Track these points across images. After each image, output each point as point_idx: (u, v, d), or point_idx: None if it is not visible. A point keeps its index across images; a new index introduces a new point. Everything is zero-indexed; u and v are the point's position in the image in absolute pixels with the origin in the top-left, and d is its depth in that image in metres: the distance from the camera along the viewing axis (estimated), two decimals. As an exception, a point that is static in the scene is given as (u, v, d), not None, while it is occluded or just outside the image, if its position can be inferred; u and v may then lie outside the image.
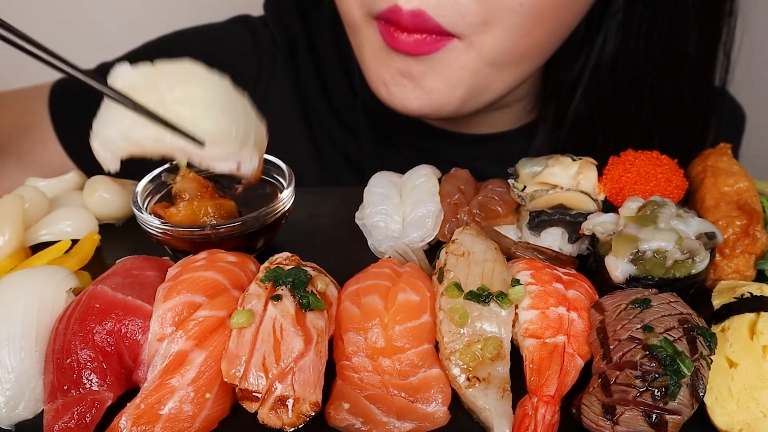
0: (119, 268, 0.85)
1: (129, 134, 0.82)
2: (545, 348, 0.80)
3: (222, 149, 0.86)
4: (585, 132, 1.26)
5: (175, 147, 0.83)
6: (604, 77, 1.23)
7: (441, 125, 1.38)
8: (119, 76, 0.83)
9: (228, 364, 0.73)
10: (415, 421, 0.74)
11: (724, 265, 0.92)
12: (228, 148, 0.87)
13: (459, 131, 1.38)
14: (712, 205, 0.97)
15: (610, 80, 1.23)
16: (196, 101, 0.83)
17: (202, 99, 0.84)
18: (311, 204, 1.13)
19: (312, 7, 1.48)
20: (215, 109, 0.84)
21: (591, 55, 1.22)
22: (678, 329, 0.76)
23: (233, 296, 0.81)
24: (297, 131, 1.43)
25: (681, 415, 0.71)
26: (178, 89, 0.83)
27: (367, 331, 0.80)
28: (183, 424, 0.72)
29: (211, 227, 0.93)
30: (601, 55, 1.22)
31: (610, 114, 1.25)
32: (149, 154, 0.85)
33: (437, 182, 1.07)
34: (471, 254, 0.87)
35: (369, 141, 1.41)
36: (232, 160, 0.88)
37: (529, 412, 0.75)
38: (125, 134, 0.82)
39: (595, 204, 0.98)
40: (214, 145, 0.85)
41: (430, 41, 1.04)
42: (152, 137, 0.82)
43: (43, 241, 1.02)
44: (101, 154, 0.84)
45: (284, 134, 1.15)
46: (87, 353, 0.75)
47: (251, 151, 0.90)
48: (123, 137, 0.82)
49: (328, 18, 1.43)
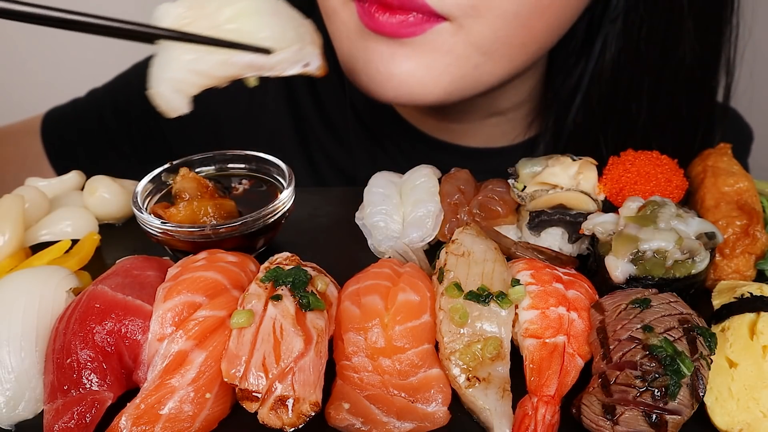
0: (119, 268, 0.85)
1: (196, 67, 0.82)
2: (545, 348, 0.80)
3: (286, 53, 0.87)
4: (584, 142, 1.24)
5: (243, 64, 0.84)
6: (603, 84, 1.20)
7: (439, 136, 1.35)
8: (165, 15, 0.83)
9: (228, 364, 0.73)
10: (415, 421, 0.74)
11: (724, 265, 0.92)
12: (291, 50, 0.87)
13: (457, 143, 1.35)
14: (712, 205, 0.97)
15: (609, 87, 1.20)
16: (248, 14, 0.84)
17: (252, 10, 0.85)
18: (311, 204, 1.13)
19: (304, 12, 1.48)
20: (267, 16, 0.85)
21: (590, 61, 1.19)
22: (678, 329, 0.76)
23: (233, 296, 0.81)
24: (291, 147, 1.42)
25: (681, 415, 0.71)
26: (226, 8, 0.83)
27: (367, 331, 0.80)
28: (183, 424, 0.72)
29: (211, 227, 0.93)
30: (600, 62, 1.19)
31: (609, 123, 1.22)
32: (220, 81, 0.86)
33: (437, 182, 1.07)
34: (471, 254, 0.87)
35: (361, 153, 1.39)
36: (299, 61, 0.88)
37: (529, 412, 0.75)
38: (192, 68, 0.82)
39: (595, 204, 0.98)
40: (278, 51, 0.86)
41: (414, 21, 0.95)
42: (219, 61, 0.83)
43: (43, 241, 1.02)
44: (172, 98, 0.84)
45: (278, 149, 1.13)
46: (87, 353, 0.74)
47: (311, 47, 0.90)
48: (191, 72, 0.83)
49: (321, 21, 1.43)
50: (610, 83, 1.20)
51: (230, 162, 1.10)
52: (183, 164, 1.06)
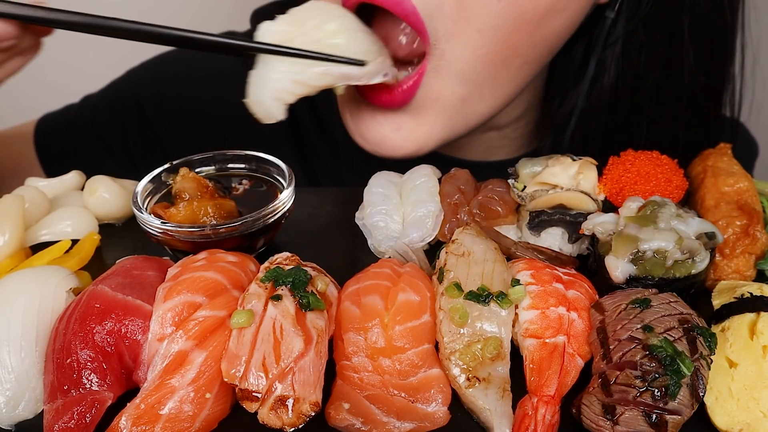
0: (119, 268, 0.85)
1: (299, 77, 0.92)
2: (545, 348, 0.80)
3: (374, 64, 0.96)
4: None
5: (338, 75, 0.94)
6: (601, 109, 1.19)
7: (437, 149, 1.36)
8: (267, 32, 0.92)
9: (228, 364, 0.73)
10: (415, 421, 0.74)
11: (724, 265, 0.92)
12: (377, 62, 0.97)
13: (455, 156, 1.35)
14: (712, 205, 0.97)
15: (607, 112, 1.19)
16: (344, 29, 0.95)
17: (346, 27, 0.95)
18: (311, 204, 1.13)
19: None
20: (358, 32, 0.96)
21: (584, 83, 1.19)
22: (678, 329, 0.76)
23: (233, 296, 0.81)
24: (289, 156, 1.42)
25: (681, 415, 0.71)
26: (325, 26, 0.94)
27: (367, 331, 0.80)
28: (183, 424, 0.72)
29: (211, 227, 0.93)
30: (598, 86, 1.18)
31: (607, 146, 1.21)
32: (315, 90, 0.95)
33: (437, 182, 1.07)
34: (471, 254, 0.87)
35: (358, 163, 1.38)
36: (380, 71, 0.98)
37: (529, 412, 0.75)
38: (296, 79, 0.92)
39: (595, 204, 0.98)
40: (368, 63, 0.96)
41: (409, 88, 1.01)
42: (319, 72, 0.93)
43: (43, 241, 1.02)
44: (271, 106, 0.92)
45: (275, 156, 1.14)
46: (87, 353, 0.74)
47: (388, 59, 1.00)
48: (294, 82, 0.92)
49: None
50: (608, 108, 1.19)
51: (230, 162, 1.10)
52: (183, 164, 1.06)
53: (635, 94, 1.18)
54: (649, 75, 1.16)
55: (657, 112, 1.20)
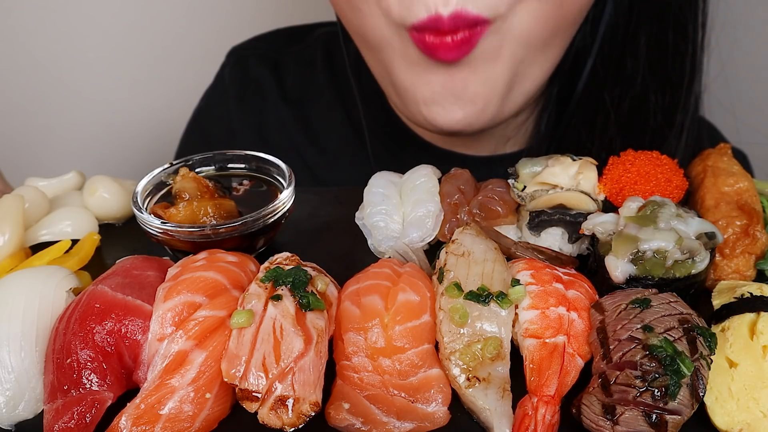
0: (119, 268, 0.85)
1: None
2: (545, 348, 0.80)
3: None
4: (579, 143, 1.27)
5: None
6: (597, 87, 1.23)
7: (444, 146, 1.35)
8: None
9: (228, 364, 0.73)
10: (415, 421, 0.74)
11: (724, 265, 0.92)
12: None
13: (463, 152, 1.35)
14: (712, 205, 0.97)
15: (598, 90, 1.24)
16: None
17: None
18: (311, 204, 1.13)
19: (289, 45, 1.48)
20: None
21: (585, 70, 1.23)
22: (678, 329, 0.76)
23: (233, 296, 0.81)
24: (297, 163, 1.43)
25: (681, 415, 0.71)
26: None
27: (367, 331, 0.80)
28: (183, 424, 0.72)
29: (211, 227, 0.93)
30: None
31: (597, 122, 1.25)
32: None
33: (437, 182, 1.07)
34: (471, 254, 0.87)
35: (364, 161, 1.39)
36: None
37: (529, 412, 0.75)
38: None
39: (595, 204, 0.98)
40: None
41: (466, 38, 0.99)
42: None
43: (43, 241, 1.02)
44: None
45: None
46: (87, 353, 0.75)
47: None
48: None
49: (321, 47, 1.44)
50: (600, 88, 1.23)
51: (230, 162, 1.10)
52: (183, 164, 1.06)
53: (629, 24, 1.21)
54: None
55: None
